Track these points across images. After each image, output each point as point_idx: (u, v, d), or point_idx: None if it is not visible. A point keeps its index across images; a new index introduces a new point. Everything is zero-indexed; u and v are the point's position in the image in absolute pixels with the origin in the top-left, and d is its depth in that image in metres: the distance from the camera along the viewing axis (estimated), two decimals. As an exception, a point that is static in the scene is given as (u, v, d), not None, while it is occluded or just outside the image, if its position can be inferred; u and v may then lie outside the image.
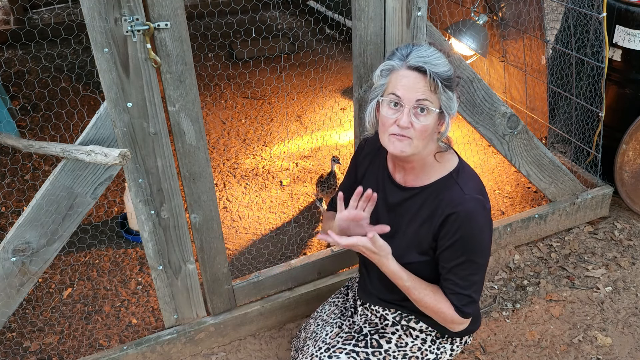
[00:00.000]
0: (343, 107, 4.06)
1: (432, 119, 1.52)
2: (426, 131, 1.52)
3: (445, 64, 1.52)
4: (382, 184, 1.73)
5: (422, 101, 1.50)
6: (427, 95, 1.50)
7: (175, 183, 1.91)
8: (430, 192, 1.62)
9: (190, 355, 2.26)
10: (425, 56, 1.51)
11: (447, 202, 1.57)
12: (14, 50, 4.94)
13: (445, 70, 1.51)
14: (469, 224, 1.54)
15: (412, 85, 1.50)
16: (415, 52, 1.52)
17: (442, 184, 1.62)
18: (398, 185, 1.69)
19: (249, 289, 2.29)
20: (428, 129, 1.52)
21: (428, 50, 1.53)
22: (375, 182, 1.76)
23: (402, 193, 1.68)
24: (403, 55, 1.53)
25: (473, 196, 1.57)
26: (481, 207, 1.57)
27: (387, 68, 1.56)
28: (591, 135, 2.85)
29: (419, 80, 1.50)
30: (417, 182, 1.66)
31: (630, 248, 2.77)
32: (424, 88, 1.50)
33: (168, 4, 1.64)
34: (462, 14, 3.42)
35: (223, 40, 5.04)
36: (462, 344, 1.83)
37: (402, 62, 1.52)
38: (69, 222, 1.82)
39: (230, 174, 3.34)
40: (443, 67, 1.51)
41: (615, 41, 2.78)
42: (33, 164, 3.43)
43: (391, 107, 1.54)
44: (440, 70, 1.50)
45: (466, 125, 3.09)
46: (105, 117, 1.72)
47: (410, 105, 1.50)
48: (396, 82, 1.52)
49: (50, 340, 2.33)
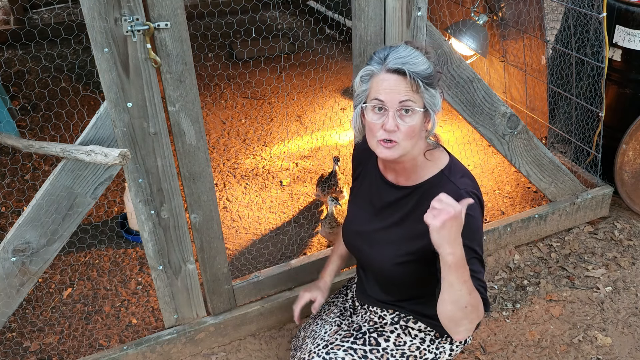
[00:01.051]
0: (343, 107, 4.06)
1: (418, 118, 1.53)
2: (413, 131, 1.53)
3: (424, 62, 1.52)
4: (376, 184, 1.75)
5: (405, 102, 1.50)
6: (410, 95, 1.50)
7: (175, 183, 1.91)
8: (423, 191, 1.63)
9: (190, 355, 2.26)
10: (404, 57, 1.51)
11: None
12: (14, 50, 4.94)
13: (424, 68, 1.51)
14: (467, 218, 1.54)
15: (393, 88, 1.50)
16: (393, 54, 1.51)
17: (434, 182, 1.62)
18: (391, 184, 1.70)
19: (249, 289, 2.29)
20: (415, 128, 1.53)
21: (405, 50, 1.53)
22: (368, 182, 1.78)
23: (396, 192, 1.68)
24: (381, 59, 1.53)
25: (468, 190, 1.57)
26: (477, 201, 1.57)
27: (367, 74, 1.56)
28: (591, 135, 2.85)
29: (399, 82, 1.50)
30: (409, 181, 1.66)
31: (630, 248, 2.77)
32: (405, 89, 1.50)
33: (168, 4, 1.64)
34: (462, 14, 3.42)
35: (223, 40, 5.04)
36: (462, 344, 1.83)
37: (381, 65, 1.52)
38: (69, 222, 1.82)
39: (230, 174, 3.34)
40: (422, 66, 1.51)
41: (615, 41, 2.78)
42: (33, 164, 3.43)
43: (376, 112, 1.54)
44: (419, 69, 1.50)
45: (466, 125, 3.09)
46: (105, 117, 1.73)
47: (394, 108, 1.51)
48: (378, 86, 1.53)
49: (50, 340, 2.33)
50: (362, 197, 1.79)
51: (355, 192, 1.85)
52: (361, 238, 1.76)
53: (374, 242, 1.71)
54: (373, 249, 1.71)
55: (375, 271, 1.74)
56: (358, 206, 1.81)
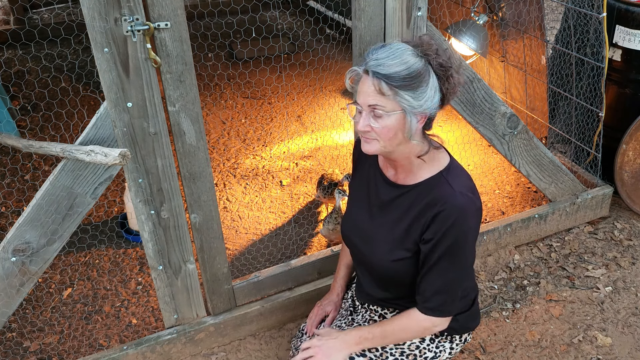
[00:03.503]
0: (343, 107, 4.06)
1: (393, 120, 1.51)
2: (389, 132, 1.52)
3: (403, 63, 1.47)
4: (374, 181, 1.75)
5: (373, 106, 1.50)
6: (378, 99, 1.49)
7: (175, 183, 1.91)
8: (420, 191, 1.63)
9: (190, 355, 2.26)
10: (381, 58, 1.48)
11: (436, 200, 1.57)
12: (14, 50, 4.94)
13: (399, 69, 1.46)
14: (456, 220, 1.54)
15: (365, 90, 1.51)
16: (375, 54, 1.50)
17: (432, 182, 1.62)
18: (390, 182, 1.70)
19: (249, 289, 2.29)
20: (390, 129, 1.52)
21: (389, 50, 1.50)
22: (367, 179, 1.78)
23: (393, 190, 1.68)
24: (365, 59, 1.53)
25: (462, 192, 1.57)
26: (470, 203, 1.56)
27: (355, 74, 1.56)
28: (591, 135, 2.85)
29: (370, 85, 1.49)
30: (407, 180, 1.66)
31: (630, 248, 2.77)
32: (374, 92, 1.49)
33: (168, 4, 1.64)
34: (462, 14, 3.42)
35: (223, 40, 5.04)
36: (462, 342, 1.83)
37: (363, 66, 1.52)
38: (69, 222, 1.82)
39: (230, 174, 3.34)
40: (397, 67, 1.46)
41: (615, 41, 2.78)
42: (33, 164, 3.43)
43: (357, 111, 1.57)
44: (392, 71, 1.46)
45: (466, 125, 3.09)
46: (105, 117, 1.72)
47: (366, 110, 1.52)
48: (359, 88, 1.54)
49: (50, 340, 2.33)
50: (361, 193, 1.80)
51: (355, 187, 1.85)
52: (358, 234, 1.76)
53: (370, 239, 1.72)
54: (369, 246, 1.72)
55: (372, 268, 1.74)
56: (357, 202, 1.81)
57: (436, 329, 1.68)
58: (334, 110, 4.03)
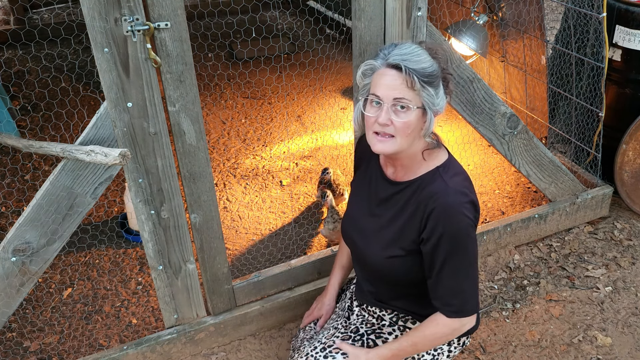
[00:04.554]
0: (343, 107, 4.06)
1: (413, 115, 1.53)
2: (408, 128, 1.53)
3: (426, 61, 1.52)
4: (375, 179, 1.76)
5: (399, 99, 1.51)
6: (405, 93, 1.51)
7: (175, 183, 1.91)
8: (416, 187, 1.63)
9: (190, 355, 2.26)
10: (405, 54, 1.51)
11: (430, 196, 1.57)
12: (14, 50, 4.94)
13: (425, 66, 1.51)
14: (452, 217, 1.54)
15: (390, 83, 1.51)
16: (396, 50, 1.53)
17: (427, 178, 1.62)
18: (388, 180, 1.71)
19: (249, 289, 2.29)
20: (410, 125, 1.53)
21: (410, 47, 1.53)
22: (369, 177, 1.79)
23: (391, 188, 1.69)
24: (385, 55, 1.54)
25: (456, 189, 1.57)
26: (465, 200, 1.56)
27: (369, 68, 1.58)
28: (591, 135, 2.85)
29: (396, 78, 1.51)
30: (405, 177, 1.67)
31: (630, 248, 2.77)
32: (401, 86, 1.50)
33: (168, 4, 1.64)
34: (462, 14, 3.42)
35: (223, 40, 5.04)
36: (460, 345, 1.83)
37: (384, 60, 1.53)
38: (69, 222, 1.82)
39: (230, 174, 3.34)
40: (423, 64, 1.51)
41: (615, 41, 2.78)
42: (33, 164, 3.43)
43: (373, 105, 1.56)
44: (419, 66, 1.50)
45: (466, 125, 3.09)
46: (105, 117, 1.73)
47: (389, 103, 1.52)
48: (377, 81, 1.54)
49: (50, 340, 2.33)
50: (363, 190, 1.80)
51: (357, 185, 1.85)
52: (357, 231, 1.77)
53: (367, 236, 1.72)
54: (366, 243, 1.72)
55: (369, 266, 1.75)
56: (358, 200, 1.82)
57: (465, 328, 1.64)
58: (334, 110, 4.03)
